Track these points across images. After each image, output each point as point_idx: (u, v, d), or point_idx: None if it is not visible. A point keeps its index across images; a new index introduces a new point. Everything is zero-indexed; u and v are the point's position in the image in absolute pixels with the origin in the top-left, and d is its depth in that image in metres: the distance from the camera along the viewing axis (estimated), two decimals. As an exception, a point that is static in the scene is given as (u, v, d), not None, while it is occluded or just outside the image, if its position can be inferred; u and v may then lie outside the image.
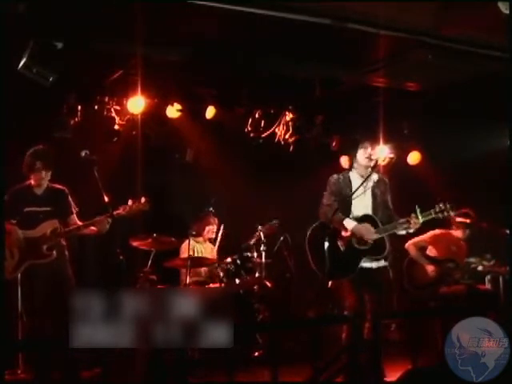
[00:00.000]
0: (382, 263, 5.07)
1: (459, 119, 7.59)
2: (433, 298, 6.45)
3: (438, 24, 5.57)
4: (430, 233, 6.62)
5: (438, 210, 5.04)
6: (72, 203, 5.47)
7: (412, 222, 4.99)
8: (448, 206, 5.03)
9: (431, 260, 6.57)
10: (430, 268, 6.50)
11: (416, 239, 6.59)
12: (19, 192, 5.35)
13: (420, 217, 4.99)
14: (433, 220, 5.16)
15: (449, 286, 6.46)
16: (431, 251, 6.65)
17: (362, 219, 5.05)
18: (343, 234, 5.02)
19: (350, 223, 5.00)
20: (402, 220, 5.04)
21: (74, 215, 5.42)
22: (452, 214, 5.07)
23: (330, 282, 5.14)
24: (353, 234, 4.99)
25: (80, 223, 5.34)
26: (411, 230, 5.13)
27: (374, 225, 5.04)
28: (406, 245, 6.60)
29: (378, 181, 5.18)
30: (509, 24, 4.89)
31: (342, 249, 5.01)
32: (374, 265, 5.03)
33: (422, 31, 5.68)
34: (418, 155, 8.47)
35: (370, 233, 4.97)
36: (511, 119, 5.23)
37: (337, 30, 5.45)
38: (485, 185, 7.66)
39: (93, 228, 5.32)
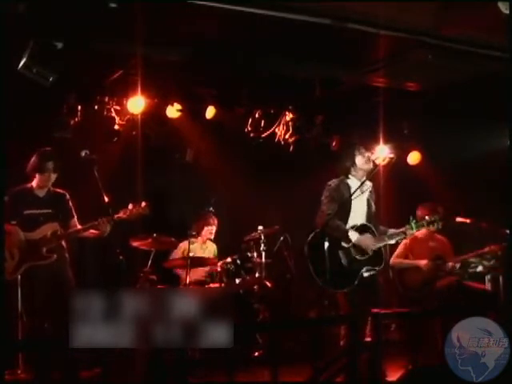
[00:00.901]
0: (372, 271, 5.09)
1: (459, 119, 7.59)
2: (431, 296, 6.44)
3: (438, 24, 5.57)
4: (402, 244, 6.61)
5: (429, 221, 5.16)
6: (72, 208, 5.48)
7: (407, 232, 5.09)
8: (437, 217, 5.24)
9: (418, 265, 6.55)
10: (420, 271, 6.48)
11: (395, 254, 6.59)
12: (20, 194, 5.35)
13: (414, 228, 5.08)
14: None
15: (442, 280, 6.46)
16: (412, 259, 6.63)
17: (360, 229, 5.04)
18: (344, 245, 5.00)
19: (353, 235, 4.99)
20: (398, 230, 5.14)
21: (75, 219, 5.44)
22: (440, 225, 5.27)
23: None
24: (354, 245, 4.99)
25: (80, 227, 5.35)
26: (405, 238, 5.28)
27: (372, 235, 5.06)
28: (391, 262, 6.56)
29: (371, 190, 5.20)
30: (509, 24, 4.89)
31: (342, 260, 5.00)
32: (366, 273, 5.04)
33: (422, 31, 5.68)
34: (417, 155, 8.47)
35: (371, 244, 4.99)
36: (511, 119, 5.23)
37: (337, 29, 5.45)
38: (485, 185, 7.65)
39: (93, 231, 5.34)
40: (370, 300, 5.01)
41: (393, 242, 5.22)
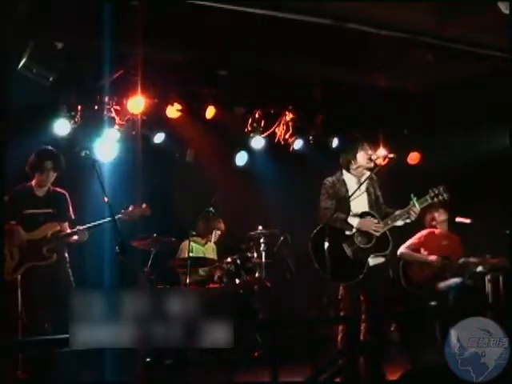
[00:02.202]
0: (380, 260, 5.05)
1: (459, 119, 7.59)
2: (432, 295, 6.44)
3: (438, 24, 5.57)
4: (418, 235, 6.62)
5: (432, 194, 5.07)
6: (70, 209, 5.47)
7: (411, 211, 5.02)
8: (441, 188, 5.07)
9: (426, 260, 6.55)
10: (426, 267, 6.49)
11: (407, 243, 6.59)
12: (20, 193, 5.33)
13: (417, 204, 5.01)
14: (418, 220, 5.22)
15: (446, 280, 6.45)
16: (424, 252, 6.63)
17: (362, 216, 5.02)
18: (347, 233, 4.98)
19: (353, 220, 4.98)
20: (401, 211, 5.04)
21: (66, 224, 5.41)
22: (446, 196, 5.11)
23: (340, 289, 5.08)
24: (357, 231, 4.96)
25: (69, 231, 5.35)
26: (412, 219, 5.13)
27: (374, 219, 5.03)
28: (399, 252, 6.57)
29: (370, 179, 5.17)
30: (509, 24, 4.89)
31: (347, 251, 4.97)
32: (371, 262, 4.99)
33: (422, 31, 5.69)
34: (417, 155, 8.47)
35: (374, 225, 4.95)
36: (511, 119, 5.23)
37: (337, 29, 5.46)
38: (485, 185, 7.65)
39: (75, 237, 5.33)
40: (374, 293, 4.98)
41: (399, 223, 5.10)
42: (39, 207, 5.32)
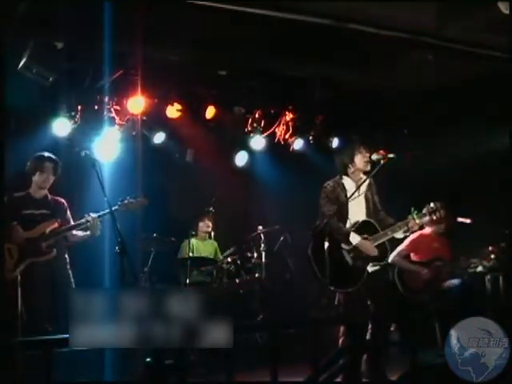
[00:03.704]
0: (377, 267, 5.04)
1: (459, 119, 7.59)
2: (431, 299, 6.42)
3: (438, 24, 5.58)
4: (408, 239, 6.55)
5: (430, 209, 5.08)
6: (68, 214, 5.47)
7: (410, 224, 5.02)
8: (438, 204, 5.09)
9: (418, 265, 6.52)
10: (420, 273, 6.45)
11: (397, 250, 6.53)
12: (18, 197, 5.33)
13: (416, 218, 5.01)
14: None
15: (443, 282, 6.43)
16: (415, 257, 6.60)
17: (361, 226, 5.00)
18: (345, 247, 4.97)
19: (354, 238, 4.96)
20: (400, 223, 5.04)
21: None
22: (443, 213, 5.16)
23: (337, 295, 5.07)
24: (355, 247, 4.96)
25: (74, 233, 5.35)
26: (411, 231, 5.16)
27: (374, 230, 5.01)
28: (390, 259, 6.50)
29: (368, 184, 5.16)
30: (509, 24, 4.89)
31: (347, 258, 4.96)
32: (369, 269, 4.99)
33: (422, 31, 5.69)
34: (416, 155, 8.46)
35: (372, 249, 4.95)
36: (511, 119, 5.23)
37: (337, 29, 5.46)
38: (485, 185, 7.65)
39: (79, 234, 5.33)
40: (374, 296, 4.97)
41: (398, 235, 5.11)
42: (38, 208, 5.32)
